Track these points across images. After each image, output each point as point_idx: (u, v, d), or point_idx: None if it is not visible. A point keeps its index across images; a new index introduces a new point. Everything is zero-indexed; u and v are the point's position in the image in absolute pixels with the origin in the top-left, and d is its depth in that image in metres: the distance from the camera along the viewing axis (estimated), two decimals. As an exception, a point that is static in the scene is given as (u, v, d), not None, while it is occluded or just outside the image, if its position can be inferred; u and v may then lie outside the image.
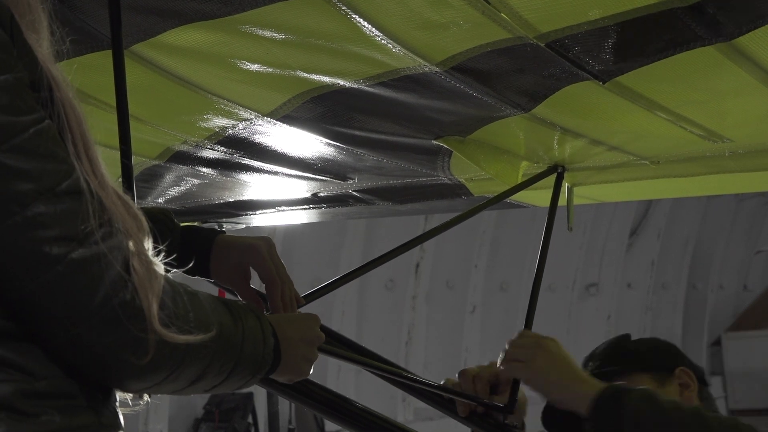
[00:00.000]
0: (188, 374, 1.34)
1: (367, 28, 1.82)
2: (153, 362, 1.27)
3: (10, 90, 1.20)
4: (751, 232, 14.02)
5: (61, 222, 1.20)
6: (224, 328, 1.39)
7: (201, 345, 1.33)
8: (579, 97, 2.10)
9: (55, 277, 1.20)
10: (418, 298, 9.84)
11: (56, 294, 1.20)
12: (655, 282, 12.72)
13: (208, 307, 1.38)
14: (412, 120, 2.30)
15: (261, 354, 1.49)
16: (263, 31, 1.91)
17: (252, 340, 1.46)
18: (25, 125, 1.20)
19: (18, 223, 1.18)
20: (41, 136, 1.22)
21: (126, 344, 1.24)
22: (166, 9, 1.86)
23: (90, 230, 1.22)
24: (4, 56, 1.21)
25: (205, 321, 1.35)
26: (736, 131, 2.30)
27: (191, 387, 1.37)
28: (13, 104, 1.20)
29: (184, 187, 2.90)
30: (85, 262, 1.21)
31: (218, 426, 9.21)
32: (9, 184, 1.18)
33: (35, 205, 1.19)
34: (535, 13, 1.74)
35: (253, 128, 2.40)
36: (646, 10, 1.69)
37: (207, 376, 1.38)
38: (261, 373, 1.51)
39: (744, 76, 1.94)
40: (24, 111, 1.21)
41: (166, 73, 2.12)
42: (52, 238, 1.19)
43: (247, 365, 1.46)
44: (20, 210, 1.18)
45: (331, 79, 2.09)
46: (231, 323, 1.41)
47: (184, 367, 1.32)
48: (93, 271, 1.21)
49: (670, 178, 2.63)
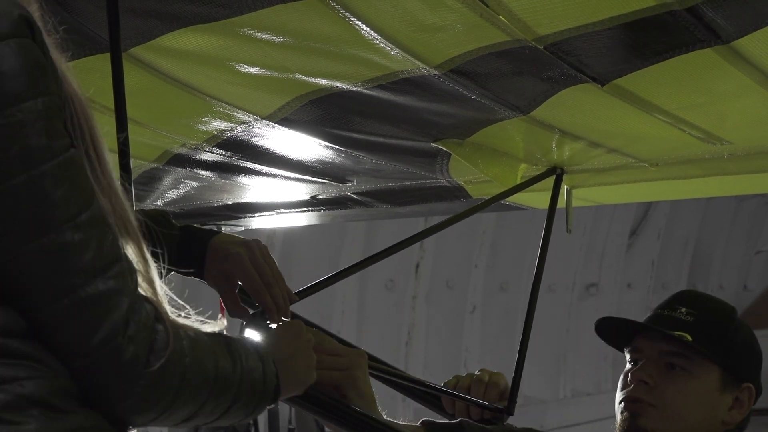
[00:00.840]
0: (180, 414, 1.36)
1: (366, 31, 1.82)
2: (142, 403, 1.29)
3: (46, 113, 1.21)
4: (751, 232, 14.00)
5: (79, 253, 1.22)
6: (220, 371, 1.39)
7: (194, 389, 1.34)
8: (577, 99, 2.09)
9: (61, 309, 1.22)
10: (418, 298, 9.83)
11: (62, 325, 1.22)
12: (655, 282, 12.70)
13: (207, 351, 1.38)
14: (410, 123, 2.30)
15: (260, 393, 1.48)
16: (261, 34, 1.91)
17: (250, 382, 1.45)
18: (56, 151, 1.21)
19: (39, 249, 1.20)
20: (70, 164, 1.23)
21: (116, 386, 1.26)
22: (164, 12, 1.86)
23: (106, 265, 1.24)
24: (43, 77, 1.22)
25: (201, 367, 1.36)
26: (735, 133, 2.30)
27: (184, 423, 1.39)
28: (48, 128, 1.21)
29: (183, 189, 2.90)
30: (93, 299, 1.23)
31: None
32: (36, 209, 1.20)
33: (58, 233, 1.21)
34: (533, 16, 1.74)
35: (252, 131, 2.40)
36: (644, 13, 1.69)
37: (200, 415, 1.39)
38: (259, 410, 1.51)
39: (742, 78, 1.94)
40: (56, 136, 1.22)
41: (164, 76, 2.12)
42: (65, 269, 1.21)
43: (244, 404, 1.46)
44: (43, 236, 1.20)
45: (329, 82, 2.09)
46: (229, 366, 1.41)
47: (174, 409, 1.33)
48: (97, 311, 1.23)
49: (669, 180, 2.63)
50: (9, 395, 1.19)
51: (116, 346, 1.24)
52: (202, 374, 1.36)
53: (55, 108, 1.23)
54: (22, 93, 1.19)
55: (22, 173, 1.19)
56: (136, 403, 1.28)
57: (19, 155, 1.19)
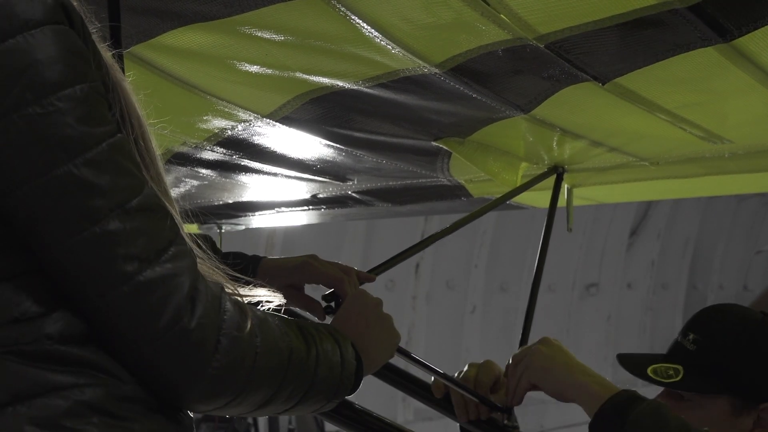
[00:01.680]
0: (253, 400, 1.31)
1: (367, 30, 1.81)
2: (213, 388, 1.25)
3: (86, 100, 1.18)
4: (751, 232, 14.00)
5: (130, 240, 1.19)
6: (294, 354, 1.35)
7: (267, 371, 1.30)
8: (578, 98, 2.09)
9: (121, 296, 1.19)
10: (418, 298, 9.83)
11: (122, 313, 1.19)
12: (655, 282, 12.70)
13: (278, 332, 1.34)
14: (411, 121, 2.30)
15: (338, 377, 1.44)
16: (262, 33, 1.91)
17: (327, 365, 1.41)
18: (99, 138, 1.19)
19: (88, 240, 1.17)
20: (115, 150, 1.20)
21: (186, 370, 1.23)
22: (165, 10, 1.86)
23: (159, 250, 1.21)
24: (81, 64, 1.19)
25: (273, 347, 1.32)
26: (736, 132, 2.30)
27: (259, 410, 1.35)
28: (90, 115, 1.18)
29: (184, 188, 2.90)
30: (152, 284, 1.19)
31: (218, 426, 9.19)
32: (82, 199, 1.17)
33: (106, 222, 1.17)
34: (534, 15, 1.74)
35: (253, 129, 2.40)
36: (645, 12, 1.68)
37: (276, 401, 1.35)
38: (340, 396, 1.47)
39: (744, 77, 1.94)
40: (99, 122, 1.19)
41: (165, 74, 2.12)
42: (121, 257, 1.18)
43: (322, 389, 1.42)
44: (91, 226, 1.17)
45: (330, 81, 2.09)
46: (303, 348, 1.37)
47: (247, 393, 1.29)
48: (159, 294, 1.20)
49: (669, 179, 2.63)
50: (69, 401, 1.17)
51: (182, 329, 1.20)
52: (277, 355, 1.32)
53: (97, 95, 1.20)
54: (60, 81, 1.16)
55: (65, 163, 1.16)
56: (207, 387, 1.24)
57: (60, 145, 1.16)
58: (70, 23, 1.20)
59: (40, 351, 1.18)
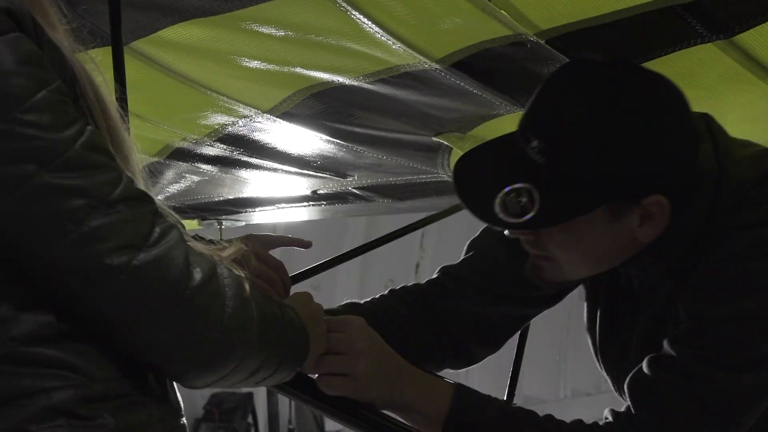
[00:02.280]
0: (249, 366, 1.33)
1: (367, 25, 1.82)
2: (221, 355, 1.26)
3: (49, 106, 1.16)
4: (752, 232, 14.00)
5: (117, 231, 1.18)
6: (277, 320, 1.39)
7: (262, 336, 1.33)
8: (579, 94, 2.09)
9: (121, 286, 1.18)
10: (418, 297, 9.83)
11: (124, 301, 1.20)
12: (655, 281, 12.69)
13: (263, 300, 1.37)
14: (412, 117, 2.30)
15: (301, 344, 1.48)
16: (263, 28, 1.91)
17: (293, 331, 1.45)
18: (68, 141, 1.17)
19: (76, 241, 1.16)
20: (87, 148, 1.18)
21: (194, 339, 1.23)
22: (165, 5, 1.87)
23: (147, 233, 1.21)
24: (38, 70, 1.17)
25: (267, 312, 1.35)
26: (736, 128, 2.29)
27: (248, 380, 1.37)
28: (56, 121, 1.16)
29: (184, 184, 2.91)
30: (147, 266, 1.19)
31: (218, 426, 9.20)
32: (61, 203, 1.16)
33: (90, 220, 1.17)
34: (535, 11, 1.74)
35: (253, 125, 2.41)
36: (645, 7, 1.69)
37: (263, 368, 1.37)
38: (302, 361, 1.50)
39: (744, 73, 1.94)
40: (66, 125, 1.18)
41: (165, 69, 2.12)
42: (112, 249, 1.18)
43: (292, 355, 1.46)
44: (76, 227, 1.16)
45: (330, 76, 2.09)
46: (279, 313, 1.41)
47: (249, 359, 1.32)
48: (157, 273, 1.20)
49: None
50: (35, 407, 1.17)
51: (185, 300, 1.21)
52: (270, 320, 1.35)
53: (59, 95, 1.19)
54: (20, 94, 1.14)
55: (39, 174, 1.15)
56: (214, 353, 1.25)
57: (32, 157, 1.15)
58: (19, 27, 1.17)
59: (4, 354, 1.17)
